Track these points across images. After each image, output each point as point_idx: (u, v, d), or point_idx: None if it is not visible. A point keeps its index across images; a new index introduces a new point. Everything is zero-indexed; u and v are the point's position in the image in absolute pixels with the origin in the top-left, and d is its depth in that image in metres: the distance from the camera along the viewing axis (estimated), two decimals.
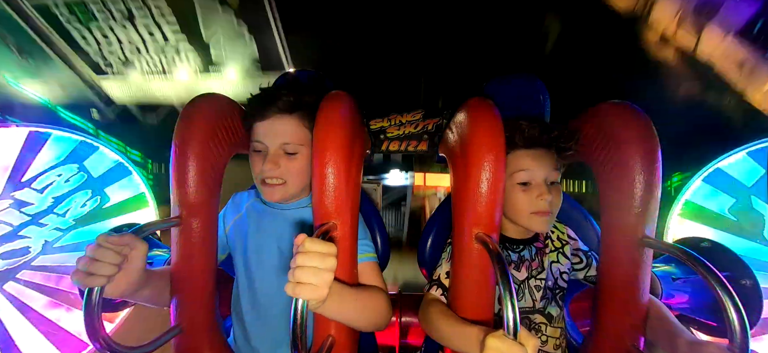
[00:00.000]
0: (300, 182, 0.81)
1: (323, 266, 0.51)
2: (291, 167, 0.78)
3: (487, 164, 0.63)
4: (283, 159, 0.78)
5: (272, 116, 0.77)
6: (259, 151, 0.80)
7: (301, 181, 0.81)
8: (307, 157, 0.79)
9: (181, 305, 0.77)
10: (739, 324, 0.52)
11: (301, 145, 0.78)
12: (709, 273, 0.56)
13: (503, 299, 0.50)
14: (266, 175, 0.78)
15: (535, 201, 0.75)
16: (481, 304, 0.68)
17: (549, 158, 0.77)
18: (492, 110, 0.68)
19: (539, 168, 0.75)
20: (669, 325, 0.68)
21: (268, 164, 0.76)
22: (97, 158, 1.73)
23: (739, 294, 0.54)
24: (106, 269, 0.59)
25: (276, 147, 0.78)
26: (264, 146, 0.78)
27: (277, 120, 0.77)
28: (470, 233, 0.66)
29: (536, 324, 0.82)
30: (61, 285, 1.65)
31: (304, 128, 0.78)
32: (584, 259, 0.87)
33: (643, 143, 0.67)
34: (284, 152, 0.78)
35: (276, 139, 0.77)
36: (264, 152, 0.79)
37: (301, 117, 0.78)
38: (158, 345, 0.71)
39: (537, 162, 0.76)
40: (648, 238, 0.67)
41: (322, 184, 0.66)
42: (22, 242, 1.62)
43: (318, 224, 0.67)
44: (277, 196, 0.80)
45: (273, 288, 0.83)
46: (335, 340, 0.69)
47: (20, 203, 1.62)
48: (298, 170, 0.79)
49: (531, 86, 1.00)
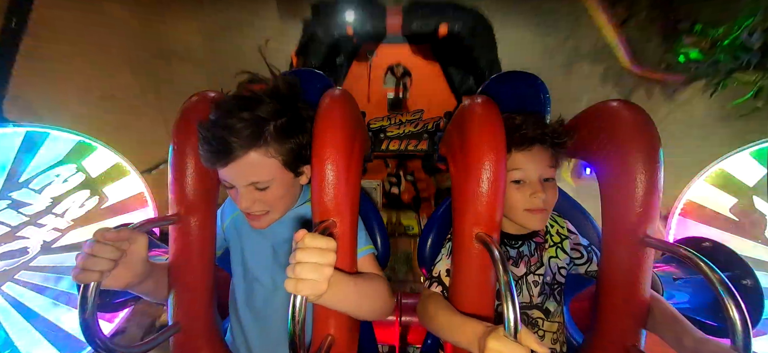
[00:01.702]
0: (283, 205, 0.78)
1: (323, 261, 0.51)
2: (267, 199, 0.74)
3: (487, 163, 0.62)
4: (257, 194, 0.73)
5: (230, 163, 0.68)
6: (230, 186, 0.74)
7: (284, 204, 0.78)
8: (281, 183, 0.74)
9: (179, 303, 0.76)
10: (740, 324, 0.52)
11: (271, 179, 0.72)
12: (711, 272, 0.56)
13: (504, 299, 0.50)
14: (245, 210, 0.74)
15: (529, 199, 0.75)
16: (482, 304, 0.68)
17: (543, 155, 0.76)
18: (492, 108, 0.67)
19: (533, 166, 0.75)
20: (675, 322, 0.67)
21: (243, 203, 0.72)
22: (95, 158, 1.73)
23: (741, 294, 0.53)
24: (102, 264, 0.58)
25: (245, 186, 0.71)
26: (231, 184, 0.73)
27: (235, 165, 0.69)
28: (470, 232, 0.65)
29: (533, 319, 0.82)
30: (59, 286, 1.65)
31: (269, 159, 0.70)
32: (585, 254, 0.87)
33: (644, 141, 0.66)
34: (256, 188, 0.72)
35: (243, 179, 0.71)
36: (235, 189, 0.73)
37: (265, 148, 0.69)
38: (156, 344, 0.71)
39: (530, 160, 0.75)
40: (649, 238, 0.67)
41: (321, 182, 0.65)
42: (20, 243, 1.62)
43: (317, 221, 0.67)
44: (265, 223, 0.77)
45: (269, 287, 0.82)
46: (334, 339, 0.69)
47: (18, 203, 1.62)
48: (276, 198, 0.75)
49: (531, 85, 0.99)
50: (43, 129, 1.68)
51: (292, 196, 0.81)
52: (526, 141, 0.75)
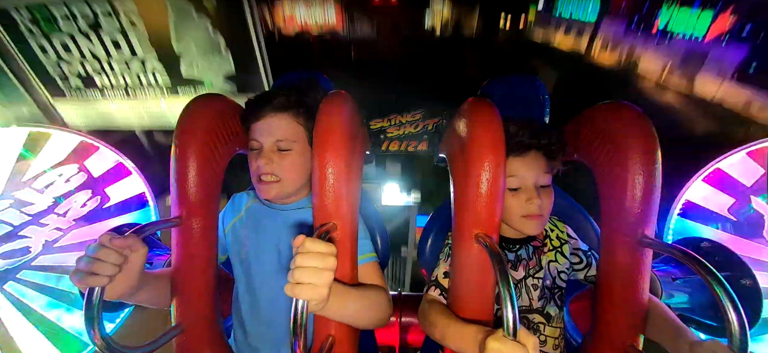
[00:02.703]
0: (295, 178, 0.81)
1: (323, 266, 0.52)
2: (284, 163, 0.79)
3: (487, 164, 0.63)
4: (277, 156, 0.79)
5: (267, 115, 0.80)
6: (255, 149, 0.81)
7: (295, 178, 0.82)
8: (302, 154, 0.81)
9: (181, 305, 0.77)
10: (738, 324, 0.52)
11: (294, 141, 0.80)
12: (709, 273, 0.56)
13: (503, 299, 0.50)
14: (260, 171, 0.79)
15: (526, 205, 0.76)
16: (481, 304, 0.68)
17: (539, 161, 0.77)
18: (492, 110, 0.68)
19: (529, 172, 0.76)
20: (672, 324, 0.68)
21: (262, 160, 0.78)
22: (97, 158, 1.73)
23: (739, 294, 0.54)
24: (109, 269, 0.59)
25: (270, 144, 0.79)
26: (259, 143, 0.80)
27: (271, 118, 0.80)
28: (470, 233, 0.66)
29: (535, 323, 0.82)
30: (61, 285, 1.65)
31: (298, 125, 0.81)
32: (584, 259, 0.87)
33: (642, 143, 0.67)
34: (278, 149, 0.79)
35: (270, 136, 0.79)
36: (259, 150, 0.80)
37: (296, 115, 0.81)
38: (159, 345, 0.71)
39: (526, 167, 0.76)
40: (647, 238, 0.67)
41: (322, 184, 0.66)
42: (22, 242, 1.62)
43: (318, 224, 0.68)
44: (273, 193, 0.80)
45: (273, 289, 0.83)
46: (335, 340, 0.69)
47: (21, 202, 1.62)
48: (291, 166, 0.80)
49: (530, 86, 1.00)
50: (46, 129, 1.68)
51: (304, 176, 0.83)
52: (522, 148, 0.75)
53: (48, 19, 2.35)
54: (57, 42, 2.44)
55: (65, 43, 2.44)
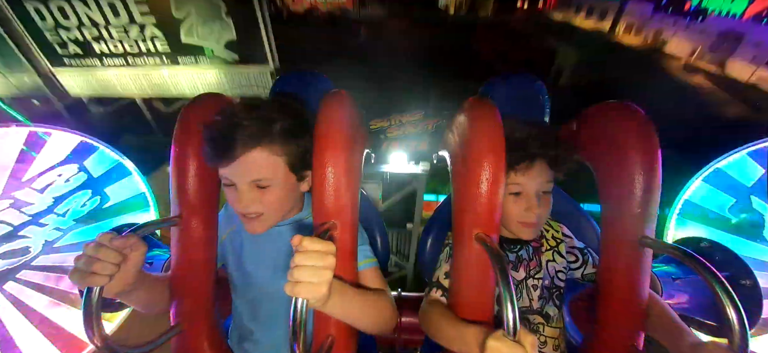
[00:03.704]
0: (279, 210, 0.76)
1: (322, 264, 0.51)
2: (265, 200, 0.73)
3: (487, 164, 0.63)
4: (256, 193, 0.72)
5: (238, 156, 0.69)
6: (229, 185, 0.73)
7: (280, 209, 0.76)
8: (284, 185, 0.74)
9: (181, 304, 0.77)
10: (738, 324, 0.53)
11: (273, 177, 0.72)
12: (709, 273, 0.56)
13: (503, 299, 0.50)
14: (240, 211, 0.73)
15: (523, 213, 0.76)
16: (481, 304, 0.68)
17: (544, 171, 0.77)
18: (492, 110, 0.67)
19: (532, 181, 0.76)
20: (672, 324, 0.68)
21: (241, 204, 0.71)
22: (97, 158, 1.73)
23: (739, 294, 0.54)
24: (108, 268, 0.59)
25: (246, 184, 0.71)
26: (231, 181, 0.72)
27: (242, 158, 0.69)
28: (470, 233, 0.66)
29: (535, 324, 0.82)
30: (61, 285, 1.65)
31: (274, 157, 0.71)
32: (580, 257, 0.87)
33: (642, 143, 0.67)
34: (256, 186, 0.72)
35: (244, 176, 0.70)
36: (234, 186, 0.72)
37: (270, 146, 0.70)
38: (158, 345, 0.71)
39: (531, 177, 0.76)
40: (648, 238, 0.67)
41: (322, 184, 0.66)
42: (22, 242, 1.62)
43: (318, 224, 0.68)
44: (260, 229, 0.75)
45: (272, 289, 0.82)
46: (335, 339, 0.69)
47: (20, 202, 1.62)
48: (275, 201, 0.74)
49: (531, 87, 1.00)
50: (46, 129, 1.69)
51: (291, 201, 0.79)
52: (527, 159, 0.75)
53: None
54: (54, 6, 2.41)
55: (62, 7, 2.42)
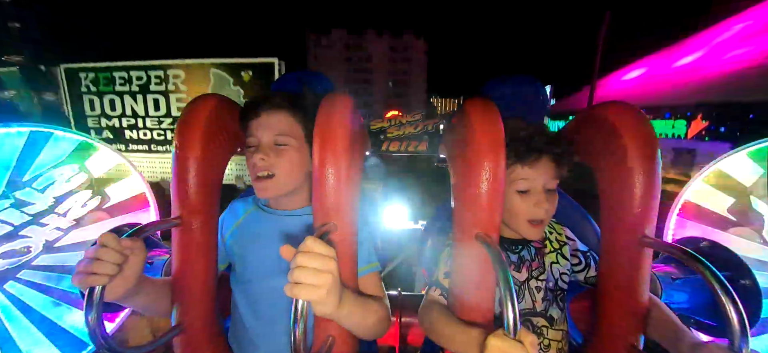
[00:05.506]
0: (290, 174, 0.81)
1: (323, 267, 0.52)
2: (280, 159, 0.79)
3: (487, 164, 0.63)
4: (273, 151, 0.79)
5: (264, 112, 0.80)
6: (252, 146, 0.81)
7: (291, 175, 0.81)
8: (298, 150, 0.80)
9: (181, 305, 0.77)
10: (738, 324, 0.53)
11: (291, 137, 0.79)
12: (709, 272, 0.56)
13: (503, 299, 0.50)
14: (257, 167, 0.79)
15: (533, 209, 0.76)
16: (482, 305, 0.68)
17: (549, 168, 0.77)
18: (492, 110, 0.68)
19: (539, 177, 0.76)
20: (672, 325, 0.68)
21: (257, 156, 0.78)
22: (98, 158, 1.74)
23: (739, 294, 0.54)
24: (109, 268, 0.59)
25: (267, 139, 0.79)
26: (257, 139, 0.80)
27: (269, 115, 0.80)
28: (470, 233, 0.66)
29: (538, 327, 0.81)
30: (61, 285, 1.65)
31: (295, 123, 0.80)
32: (583, 260, 0.87)
33: (642, 143, 0.67)
34: (275, 144, 0.79)
35: (266, 132, 0.79)
36: (257, 147, 0.80)
37: (293, 112, 0.81)
38: (158, 345, 0.72)
39: (537, 172, 0.76)
40: (648, 238, 0.67)
41: (322, 185, 0.66)
42: (22, 242, 1.62)
43: (318, 224, 0.68)
44: (269, 192, 0.80)
45: (275, 294, 0.82)
46: (335, 340, 0.69)
47: (21, 202, 1.62)
48: (287, 162, 0.79)
49: (531, 87, 1.00)
50: (47, 129, 1.68)
51: (301, 174, 0.82)
52: (535, 153, 0.75)
53: (108, 80, 2.64)
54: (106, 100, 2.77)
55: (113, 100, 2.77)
